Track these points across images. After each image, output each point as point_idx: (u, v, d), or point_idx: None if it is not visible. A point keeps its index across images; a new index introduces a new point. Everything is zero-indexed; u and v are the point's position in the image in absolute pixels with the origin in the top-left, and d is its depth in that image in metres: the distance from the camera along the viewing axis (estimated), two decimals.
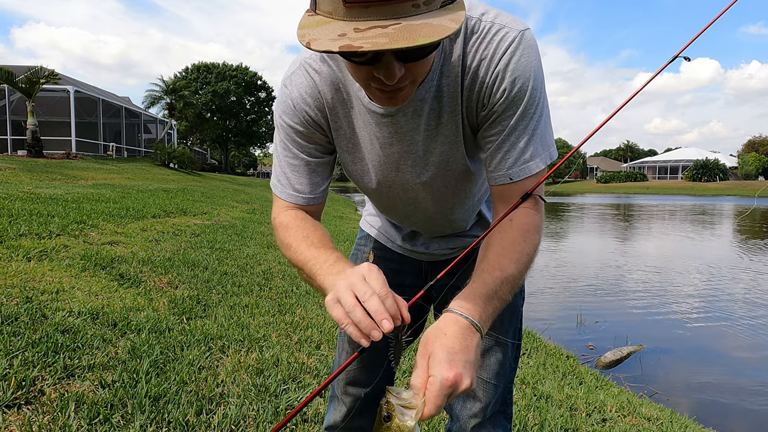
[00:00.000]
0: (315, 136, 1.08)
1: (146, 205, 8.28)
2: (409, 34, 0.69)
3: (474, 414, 1.25)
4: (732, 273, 9.13)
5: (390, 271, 1.25)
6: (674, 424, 2.94)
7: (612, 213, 24.61)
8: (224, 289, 4.23)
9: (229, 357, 2.78)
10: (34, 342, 2.38)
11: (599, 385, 3.48)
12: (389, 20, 0.70)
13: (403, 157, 1.07)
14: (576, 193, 54.35)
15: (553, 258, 10.64)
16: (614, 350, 4.76)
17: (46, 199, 6.96)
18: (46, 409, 1.92)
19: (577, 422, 2.64)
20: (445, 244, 1.32)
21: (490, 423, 1.26)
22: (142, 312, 3.19)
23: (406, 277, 1.34)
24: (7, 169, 12.18)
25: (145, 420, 1.98)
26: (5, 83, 17.93)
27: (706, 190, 52.68)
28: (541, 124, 0.97)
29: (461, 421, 1.28)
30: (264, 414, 2.21)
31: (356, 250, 1.48)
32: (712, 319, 6.23)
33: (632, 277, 8.70)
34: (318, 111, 1.05)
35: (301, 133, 1.07)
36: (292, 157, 1.10)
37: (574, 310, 6.30)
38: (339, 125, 1.08)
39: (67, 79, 24.34)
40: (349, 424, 1.39)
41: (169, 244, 5.63)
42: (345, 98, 1.04)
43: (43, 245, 4.26)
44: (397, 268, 1.36)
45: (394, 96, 0.86)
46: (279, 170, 1.14)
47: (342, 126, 1.08)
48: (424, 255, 1.34)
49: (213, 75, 49.98)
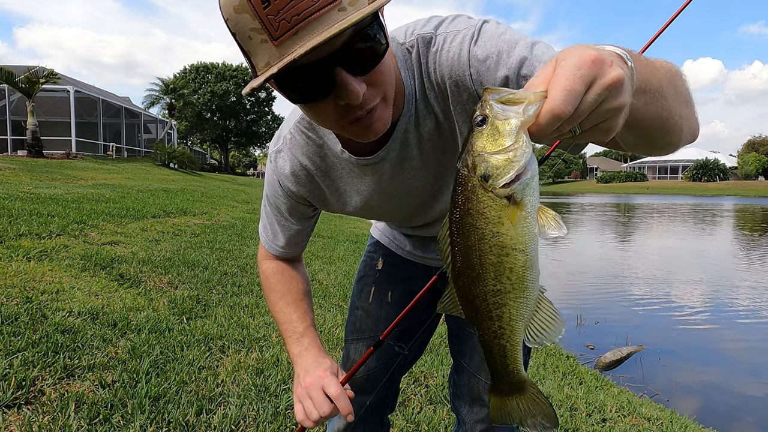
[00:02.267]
0: (300, 207, 1.15)
1: (146, 205, 8.28)
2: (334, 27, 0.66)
3: (481, 419, 1.24)
4: (733, 273, 9.13)
5: (400, 278, 1.34)
6: (674, 424, 2.94)
7: (612, 213, 24.62)
8: (224, 289, 4.23)
9: (229, 357, 2.78)
10: (34, 342, 2.38)
11: (599, 385, 3.48)
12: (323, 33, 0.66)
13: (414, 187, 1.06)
14: (576, 193, 54.36)
15: (553, 258, 10.64)
16: (614, 350, 4.76)
17: (46, 199, 6.96)
18: (46, 409, 1.92)
19: (577, 422, 2.64)
20: None
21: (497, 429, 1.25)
22: (142, 312, 3.19)
23: (417, 283, 1.29)
24: (7, 169, 12.18)
25: (145, 420, 1.98)
26: (5, 83, 17.94)
27: (706, 190, 52.69)
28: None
29: (467, 425, 1.27)
30: (264, 414, 2.21)
31: (366, 257, 1.46)
32: (712, 319, 6.23)
33: (632, 277, 8.70)
34: (303, 187, 1.10)
35: (287, 205, 1.14)
36: (278, 219, 1.18)
37: (574, 310, 6.30)
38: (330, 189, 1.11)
39: (67, 79, 24.34)
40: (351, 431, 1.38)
41: (169, 244, 5.63)
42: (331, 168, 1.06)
43: (43, 245, 4.26)
44: (407, 275, 1.35)
45: (370, 121, 0.79)
46: (266, 221, 1.21)
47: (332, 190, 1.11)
48: (435, 261, 1.33)
49: (212, 75, 49.96)
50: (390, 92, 0.81)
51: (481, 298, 0.63)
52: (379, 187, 1.05)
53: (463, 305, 0.66)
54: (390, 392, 1.39)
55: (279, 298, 1.21)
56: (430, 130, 0.96)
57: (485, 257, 0.60)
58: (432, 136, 0.97)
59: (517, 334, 0.66)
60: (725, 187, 54.87)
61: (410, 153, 0.99)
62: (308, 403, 1.03)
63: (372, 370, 1.31)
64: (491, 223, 0.58)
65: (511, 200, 0.57)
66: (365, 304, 1.35)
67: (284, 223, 1.17)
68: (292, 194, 1.11)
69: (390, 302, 1.33)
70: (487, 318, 0.65)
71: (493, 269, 0.60)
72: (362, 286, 1.38)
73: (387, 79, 0.79)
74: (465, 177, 0.58)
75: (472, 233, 0.59)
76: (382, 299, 1.34)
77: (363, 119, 0.78)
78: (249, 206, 12.36)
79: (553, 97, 0.51)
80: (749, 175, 61.11)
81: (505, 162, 0.55)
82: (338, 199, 1.12)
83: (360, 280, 1.42)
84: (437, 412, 2.48)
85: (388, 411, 1.42)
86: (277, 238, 1.20)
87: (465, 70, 0.84)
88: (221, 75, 50.05)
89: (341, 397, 1.01)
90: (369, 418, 1.35)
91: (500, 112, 0.55)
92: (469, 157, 0.57)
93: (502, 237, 0.58)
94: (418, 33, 0.89)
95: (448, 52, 0.86)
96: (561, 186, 71.71)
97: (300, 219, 1.17)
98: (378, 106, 0.79)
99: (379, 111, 0.80)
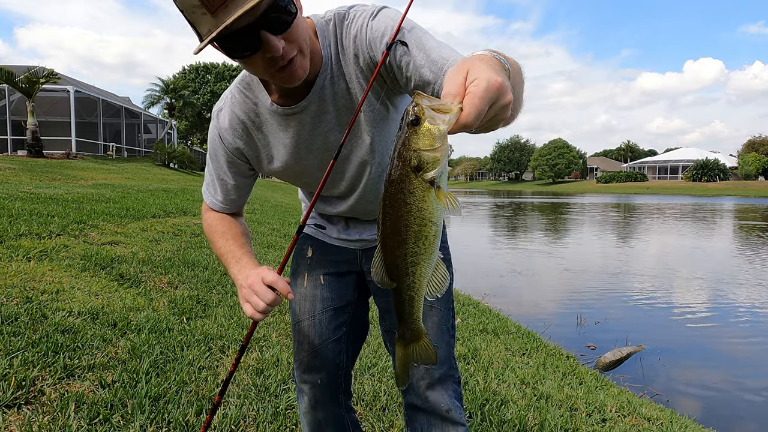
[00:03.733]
0: (236, 162, 1.34)
1: (146, 205, 8.28)
2: None
3: (421, 376, 1.37)
4: (733, 272, 9.13)
5: (329, 262, 1.51)
6: (674, 424, 2.94)
7: (612, 213, 24.61)
8: (224, 289, 4.23)
9: (229, 357, 2.78)
10: (34, 342, 2.38)
11: (599, 385, 3.48)
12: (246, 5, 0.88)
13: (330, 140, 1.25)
14: (576, 193, 54.36)
15: (553, 257, 10.64)
16: (614, 350, 4.76)
17: (46, 199, 6.96)
18: (46, 409, 1.92)
19: (577, 422, 2.64)
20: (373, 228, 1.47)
21: (440, 384, 1.37)
22: (142, 312, 3.19)
23: (343, 265, 1.49)
24: (7, 169, 12.18)
25: (145, 420, 1.98)
26: (5, 83, 17.93)
27: (706, 191, 52.69)
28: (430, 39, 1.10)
29: (414, 387, 1.39)
30: (264, 414, 2.21)
31: (296, 250, 1.56)
32: (713, 319, 6.23)
33: (633, 277, 8.70)
34: (239, 139, 1.30)
35: (225, 158, 1.33)
36: (218, 173, 1.36)
37: (574, 310, 6.30)
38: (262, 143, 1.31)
39: (67, 78, 24.33)
40: (313, 415, 1.45)
41: (169, 244, 5.63)
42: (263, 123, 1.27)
43: (43, 245, 4.26)
44: (335, 259, 1.50)
45: (292, 69, 1.03)
46: (208, 179, 1.40)
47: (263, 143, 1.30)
48: (358, 243, 1.48)
49: (212, 75, 49.96)
50: (305, 47, 1.04)
51: (401, 258, 0.82)
52: (300, 138, 1.25)
53: (387, 263, 0.84)
54: (340, 370, 1.46)
55: (219, 237, 1.38)
56: (343, 89, 1.19)
57: (410, 227, 0.78)
58: (344, 94, 1.19)
59: (422, 288, 0.87)
60: (725, 187, 54.86)
61: (326, 107, 1.20)
62: (253, 297, 1.15)
63: (317, 347, 1.42)
64: (418, 200, 0.76)
65: (433, 184, 0.75)
66: (301, 289, 1.47)
67: (223, 177, 1.36)
68: (230, 146, 1.31)
69: (323, 283, 1.47)
70: (404, 274, 0.84)
71: (413, 236, 0.79)
72: (296, 277, 1.50)
73: (301, 36, 1.02)
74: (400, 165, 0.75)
75: (402, 207, 0.77)
76: (316, 282, 1.47)
77: (286, 68, 1.02)
78: (248, 206, 12.37)
79: (467, 113, 0.69)
80: (749, 175, 61.09)
81: (434, 158, 0.73)
82: (267, 153, 1.31)
83: (293, 273, 1.52)
84: None
85: (342, 391, 1.48)
86: (217, 193, 1.39)
87: (364, 38, 1.12)
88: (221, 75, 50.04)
89: (279, 280, 1.15)
90: (326, 400, 1.44)
91: (432, 117, 0.71)
92: (405, 151, 0.74)
93: (423, 212, 0.77)
94: (335, 11, 1.17)
95: (355, 24, 1.13)
96: (561, 186, 71.70)
97: (236, 174, 1.36)
98: (296, 57, 1.02)
99: (298, 61, 1.03)
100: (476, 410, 2.51)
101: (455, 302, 5.22)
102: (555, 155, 78.00)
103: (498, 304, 6.03)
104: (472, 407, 2.54)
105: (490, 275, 8.53)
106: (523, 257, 10.75)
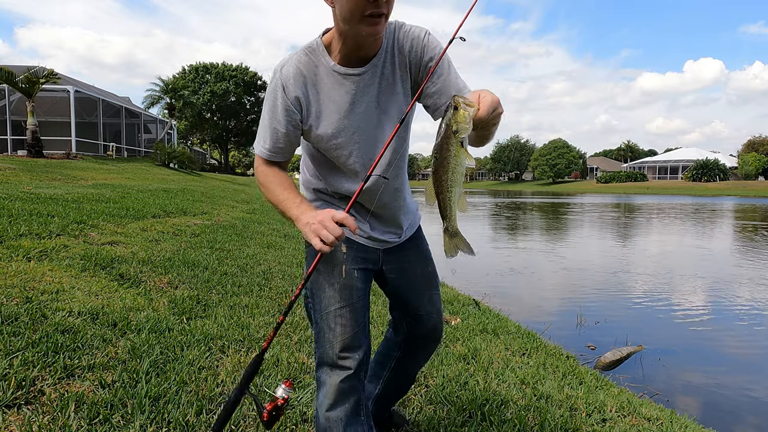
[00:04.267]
0: (291, 109, 1.51)
1: (146, 205, 8.28)
2: None
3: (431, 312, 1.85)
4: (734, 272, 9.13)
5: (360, 259, 1.71)
6: (674, 424, 2.94)
7: (612, 213, 24.61)
8: (224, 289, 4.23)
9: (229, 357, 2.78)
10: (34, 342, 2.38)
11: (599, 385, 3.48)
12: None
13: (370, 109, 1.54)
14: (576, 193, 54.35)
15: (553, 257, 10.64)
16: (614, 350, 4.76)
17: (46, 199, 6.96)
18: (46, 409, 1.92)
19: (577, 422, 2.64)
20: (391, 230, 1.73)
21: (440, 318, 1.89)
22: (142, 312, 3.19)
23: (369, 263, 1.71)
24: (7, 169, 12.18)
25: (145, 420, 1.98)
26: (5, 83, 17.92)
27: (706, 191, 52.67)
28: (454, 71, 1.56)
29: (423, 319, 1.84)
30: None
31: None
32: (713, 319, 6.23)
33: (633, 277, 8.70)
34: (299, 88, 1.50)
35: (283, 104, 1.51)
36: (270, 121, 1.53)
37: (574, 310, 6.30)
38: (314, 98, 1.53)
39: (67, 78, 24.32)
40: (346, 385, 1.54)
41: (169, 244, 5.63)
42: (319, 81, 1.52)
43: (43, 245, 4.26)
44: (363, 256, 1.69)
45: (377, 22, 1.34)
46: (262, 131, 1.58)
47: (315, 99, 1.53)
48: (378, 242, 1.71)
49: (212, 75, 49.94)
50: (389, 17, 1.38)
51: (445, 181, 1.35)
52: (350, 98, 1.51)
53: (436, 185, 1.36)
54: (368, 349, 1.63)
55: (276, 186, 1.56)
56: (389, 74, 1.54)
57: (449, 164, 1.33)
58: (390, 80, 1.54)
59: (455, 201, 1.38)
60: (725, 187, 54.84)
61: (375, 82, 1.52)
62: (323, 231, 1.35)
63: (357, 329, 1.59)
64: (454, 149, 1.31)
65: (462, 144, 1.31)
66: (340, 279, 1.62)
67: (276, 126, 1.53)
68: (290, 95, 1.50)
69: (356, 276, 1.65)
70: (446, 190, 1.36)
71: (451, 171, 1.33)
72: (332, 267, 1.62)
73: (392, 6, 1.36)
74: (446, 130, 1.29)
75: (446, 152, 1.32)
76: (350, 274, 1.64)
77: (376, 18, 1.33)
78: (249, 206, 12.37)
79: (483, 111, 1.27)
80: (749, 175, 61.06)
81: (464, 128, 1.27)
82: (317, 109, 1.53)
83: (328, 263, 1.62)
84: (437, 412, 2.48)
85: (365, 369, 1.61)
86: (267, 141, 1.56)
87: (418, 44, 1.52)
88: (221, 75, 50.06)
89: (347, 218, 1.37)
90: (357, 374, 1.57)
91: (464, 106, 1.26)
92: (451, 122, 1.27)
93: (456, 157, 1.32)
94: (395, 20, 1.52)
95: (412, 33, 1.53)
96: (561, 186, 71.68)
97: (288, 123, 1.52)
98: (384, 16, 1.35)
99: (383, 22, 1.37)
100: (476, 410, 2.51)
101: (455, 302, 5.23)
102: (555, 155, 77.98)
103: (498, 304, 6.03)
104: (472, 407, 2.54)
105: (490, 275, 8.53)
106: (523, 257, 10.76)
